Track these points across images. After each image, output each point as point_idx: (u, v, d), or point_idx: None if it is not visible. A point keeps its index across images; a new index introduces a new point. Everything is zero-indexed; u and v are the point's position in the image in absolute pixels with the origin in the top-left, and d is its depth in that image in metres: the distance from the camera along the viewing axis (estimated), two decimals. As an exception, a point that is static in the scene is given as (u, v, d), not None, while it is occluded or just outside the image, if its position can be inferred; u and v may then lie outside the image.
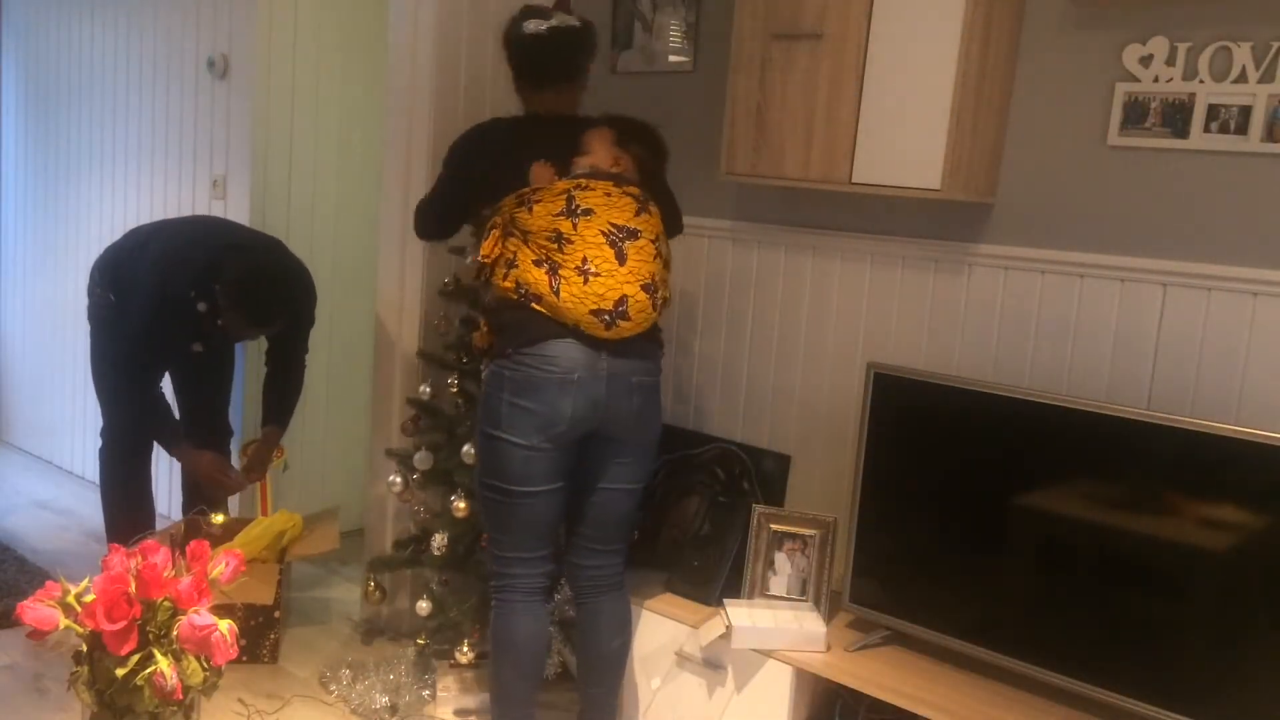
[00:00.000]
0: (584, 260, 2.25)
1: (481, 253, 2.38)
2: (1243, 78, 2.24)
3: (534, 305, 2.27)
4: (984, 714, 2.26)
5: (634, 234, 2.29)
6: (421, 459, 2.90)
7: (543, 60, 2.53)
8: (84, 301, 3.32)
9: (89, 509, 4.18)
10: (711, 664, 2.59)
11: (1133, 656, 2.20)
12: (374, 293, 3.32)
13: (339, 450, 4.11)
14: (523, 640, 2.42)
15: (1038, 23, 2.51)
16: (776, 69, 2.61)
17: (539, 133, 2.52)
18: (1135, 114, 2.38)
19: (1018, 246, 2.57)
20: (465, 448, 2.77)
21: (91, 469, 4.50)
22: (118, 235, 3.37)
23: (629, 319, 2.26)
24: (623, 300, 2.25)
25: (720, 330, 3.12)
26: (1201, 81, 2.29)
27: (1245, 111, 2.24)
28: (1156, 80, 2.35)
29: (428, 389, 2.97)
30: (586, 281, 2.23)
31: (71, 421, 4.63)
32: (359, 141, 3.97)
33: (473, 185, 2.54)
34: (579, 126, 2.50)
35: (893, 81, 2.43)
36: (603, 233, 2.27)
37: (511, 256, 2.32)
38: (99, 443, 3.39)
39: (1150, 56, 2.35)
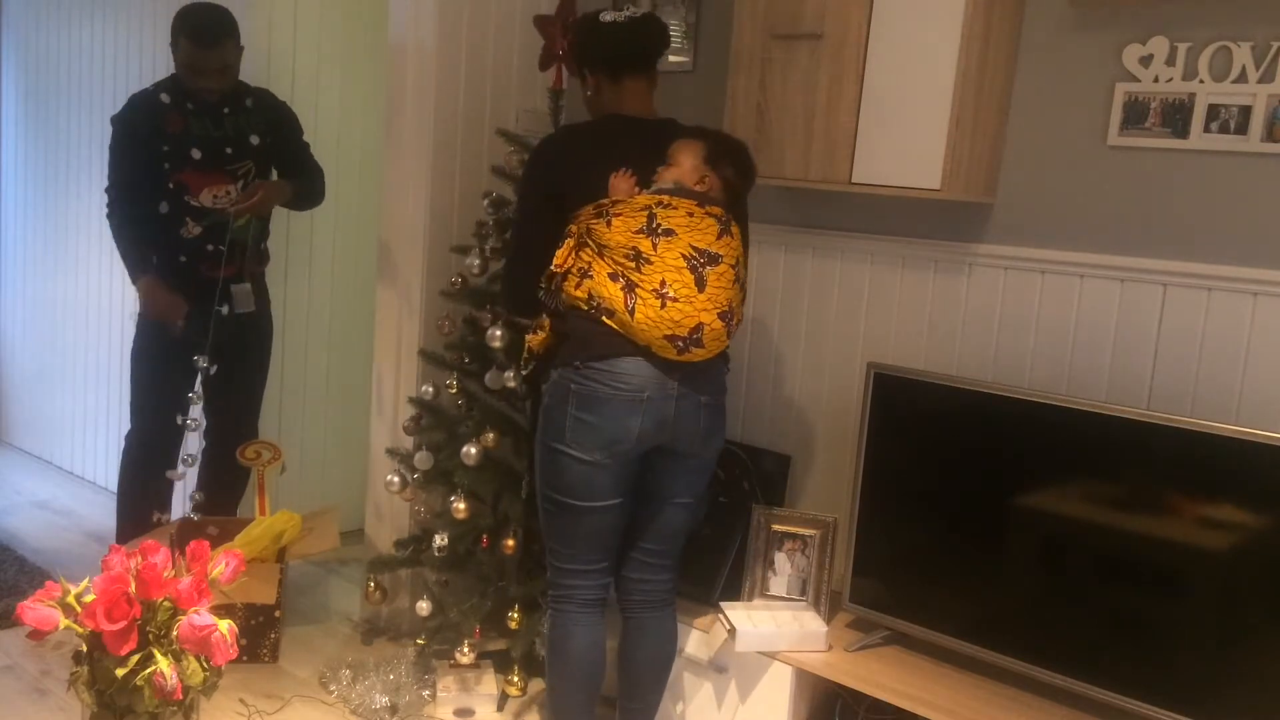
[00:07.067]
0: (662, 284, 2.17)
1: (555, 262, 2.28)
2: (1243, 78, 2.24)
3: (605, 319, 2.20)
4: (984, 714, 2.26)
5: (715, 259, 2.21)
6: (422, 459, 2.90)
7: (621, 47, 2.43)
8: (83, 302, 3.31)
9: (89, 509, 4.17)
10: (712, 665, 2.59)
11: (1133, 656, 2.20)
12: (374, 292, 3.32)
13: (339, 450, 4.11)
14: (579, 652, 2.37)
15: (1038, 23, 2.51)
16: (776, 69, 2.61)
17: (621, 136, 2.40)
18: (1135, 114, 2.38)
19: (1018, 246, 2.57)
20: (466, 448, 2.77)
21: (91, 469, 4.50)
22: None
23: (703, 346, 2.20)
24: (699, 328, 2.18)
25: (720, 330, 3.12)
26: (1201, 81, 2.29)
27: (1245, 111, 2.24)
28: (1156, 80, 2.35)
29: (430, 388, 2.97)
30: (664, 306, 2.16)
31: (71, 421, 4.63)
32: (359, 141, 3.97)
33: (555, 202, 2.35)
34: (663, 132, 2.38)
35: (893, 81, 2.43)
36: (684, 256, 2.18)
37: (585, 267, 2.24)
38: (122, 444, 3.40)
39: (1150, 56, 2.35)
